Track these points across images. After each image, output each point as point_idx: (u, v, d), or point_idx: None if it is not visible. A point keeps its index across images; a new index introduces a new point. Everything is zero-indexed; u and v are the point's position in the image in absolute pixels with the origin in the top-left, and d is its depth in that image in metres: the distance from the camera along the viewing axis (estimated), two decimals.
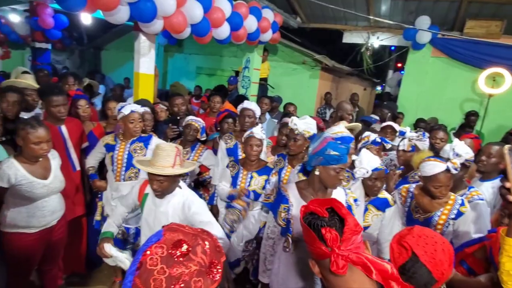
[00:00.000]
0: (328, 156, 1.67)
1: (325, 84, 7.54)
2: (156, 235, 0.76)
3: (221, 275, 0.73)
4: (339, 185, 1.77)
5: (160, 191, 1.83)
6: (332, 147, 1.68)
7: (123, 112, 2.52)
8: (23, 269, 2.20)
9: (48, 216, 2.16)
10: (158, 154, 1.79)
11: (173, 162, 1.79)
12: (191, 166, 1.97)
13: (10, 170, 1.97)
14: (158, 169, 1.75)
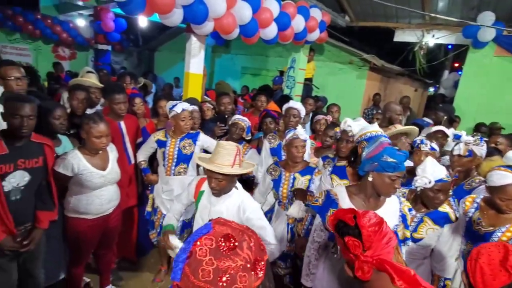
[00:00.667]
0: (385, 163, 1.59)
1: (372, 84, 7.26)
2: (206, 227, 0.78)
3: (264, 273, 0.74)
4: (394, 193, 1.68)
5: (217, 190, 1.82)
6: (389, 153, 1.59)
7: (175, 110, 2.65)
8: (82, 251, 2.41)
9: (105, 204, 2.34)
10: (219, 152, 1.78)
11: (233, 161, 1.77)
12: (250, 167, 1.92)
13: (74, 160, 2.17)
14: (217, 167, 1.74)
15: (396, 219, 1.71)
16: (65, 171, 2.15)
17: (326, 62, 7.14)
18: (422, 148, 2.47)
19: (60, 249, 2.46)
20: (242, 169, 1.82)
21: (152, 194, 2.94)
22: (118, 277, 2.92)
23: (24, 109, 1.82)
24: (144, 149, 2.88)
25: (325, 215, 1.78)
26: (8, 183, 1.87)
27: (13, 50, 8.23)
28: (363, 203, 1.72)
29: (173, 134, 2.76)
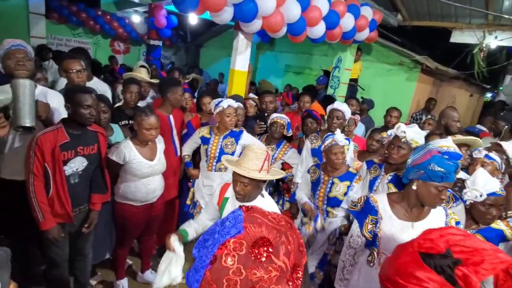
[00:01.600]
0: (431, 172, 1.50)
1: (423, 88, 6.84)
2: (236, 225, 0.66)
3: (301, 280, 0.65)
4: (440, 205, 1.58)
5: (242, 195, 1.72)
6: (437, 162, 1.50)
7: (221, 106, 2.71)
8: (127, 235, 2.56)
9: (150, 193, 2.46)
10: (247, 155, 1.70)
11: (261, 166, 1.68)
12: (278, 174, 1.83)
13: (126, 149, 2.31)
14: (244, 171, 1.65)
15: None
16: (117, 159, 2.29)
17: (373, 63, 6.85)
18: (475, 155, 2.28)
19: (108, 232, 2.64)
20: (270, 175, 1.74)
21: (193, 188, 3.02)
22: (157, 263, 3.04)
23: (91, 100, 1.96)
24: (189, 143, 2.96)
25: (363, 221, 1.74)
26: (69, 168, 2.04)
27: (76, 43, 8.93)
28: (405, 213, 1.65)
29: (217, 131, 2.82)
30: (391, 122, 3.91)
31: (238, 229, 0.64)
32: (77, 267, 2.36)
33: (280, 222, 0.68)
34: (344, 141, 2.38)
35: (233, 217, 0.68)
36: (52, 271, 2.23)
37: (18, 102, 1.78)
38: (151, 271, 2.87)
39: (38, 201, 1.95)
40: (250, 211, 0.70)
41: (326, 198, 2.46)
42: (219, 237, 0.64)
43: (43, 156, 1.92)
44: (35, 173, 1.92)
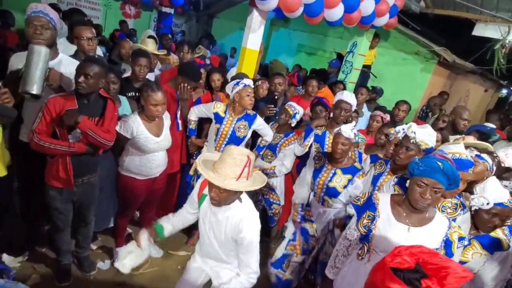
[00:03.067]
0: (414, 165, 1.55)
1: (438, 80, 6.66)
2: None
3: None
4: (422, 205, 1.54)
5: (216, 200, 1.59)
6: (423, 159, 1.54)
7: (243, 83, 2.68)
8: (129, 206, 2.63)
9: (154, 168, 2.49)
10: (224, 161, 1.51)
11: (239, 174, 1.49)
12: (260, 183, 1.58)
13: (134, 124, 2.31)
14: (218, 180, 1.48)
15: (437, 243, 1.58)
16: (125, 132, 2.30)
17: (389, 50, 6.64)
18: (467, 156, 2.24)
19: (111, 202, 2.70)
20: (250, 182, 1.55)
21: (197, 160, 3.01)
22: None
23: (86, 68, 1.94)
24: (198, 109, 2.84)
25: (361, 216, 1.77)
26: (72, 137, 2.06)
27: (86, 3, 8.70)
28: (405, 216, 1.63)
29: (233, 111, 2.78)
30: (398, 116, 3.81)
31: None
32: (80, 232, 2.45)
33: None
34: (349, 134, 2.35)
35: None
36: (55, 234, 2.32)
37: (29, 68, 1.79)
38: None
39: (54, 143, 1.97)
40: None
41: (325, 187, 2.48)
42: None
43: (51, 118, 1.96)
44: (37, 131, 1.95)
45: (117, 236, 2.75)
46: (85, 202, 2.29)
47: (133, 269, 2.67)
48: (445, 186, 1.51)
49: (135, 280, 2.64)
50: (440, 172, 1.48)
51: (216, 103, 2.81)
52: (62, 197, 2.17)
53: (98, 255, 2.78)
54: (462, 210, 1.93)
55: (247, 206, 1.71)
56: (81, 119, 1.96)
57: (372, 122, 3.28)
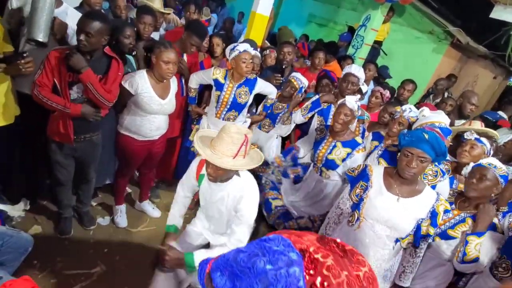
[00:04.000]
0: (402, 136, 1.64)
1: (448, 62, 6.52)
2: None
3: None
4: (408, 174, 1.63)
5: (213, 177, 1.58)
6: (410, 131, 1.63)
7: (238, 49, 2.58)
8: (128, 165, 2.64)
9: (154, 130, 2.48)
10: (221, 138, 1.49)
11: (236, 152, 1.48)
12: (257, 162, 1.56)
13: (140, 80, 2.26)
14: (215, 157, 1.48)
15: (424, 214, 1.69)
16: (129, 88, 2.26)
17: (403, 27, 6.42)
18: (466, 137, 2.27)
19: (112, 159, 2.72)
20: (246, 162, 1.54)
21: (197, 126, 2.99)
22: (155, 195, 3.21)
23: (87, 25, 1.86)
24: (198, 76, 2.77)
25: (354, 186, 1.86)
26: (74, 92, 2.03)
27: None
28: (396, 188, 1.72)
29: (232, 78, 2.72)
30: (403, 95, 3.76)
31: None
32: (80, 188, 2.49)
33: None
34: (353, 105, 2.34)
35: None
36: (56, 187, 2.36)
37: (36, 15, 1.74)
38: (148, 201, 3.02)
39: (51, 100, 1.95)
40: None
41: (324, 159, 2.51)
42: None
43: (51, 71, 1.93)
44: (38, 83, 1.93)
45: (116, 194, 2.79)
46: (86, 159, 2.30)
47: (131, 227, 2.80)
48: (432, 157, 1.60)
49: (133, 237, 2.72)
50: (425, 142, 1.57)
51: (216, 68, 2.74)
52: (63, 152, 2.17)
53: (98, 211, 2.85)
54: (442, 177, 2.02)
55: (247, 179, 1.71)
56: (85, 69, 1.91)
57: (371, 97, 3.24)
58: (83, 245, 2.48)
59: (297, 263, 0.51)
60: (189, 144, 3.07)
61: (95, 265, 2.36)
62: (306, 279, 0.50)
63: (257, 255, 0.53)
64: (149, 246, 2.67)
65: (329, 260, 0.53)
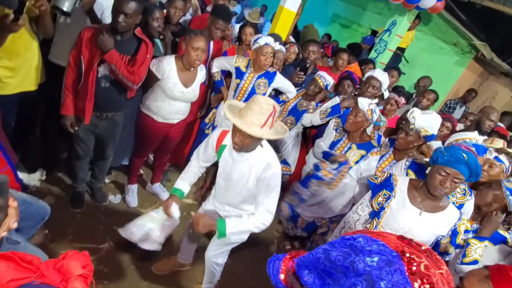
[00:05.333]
0: (438, 153, 1.56)
1: (469, 76, 6.40)
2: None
3: None
4: (440, 193, 1.58)
5: (239, 146, 1.63)
6: (447, 148, 1.55)
7: (259, 42, 2.58)
8: (144, 146, 2.68)
9: (173, 114, 2.49)
10: (251, 108, 1.54)
11: (264, 122, 1.53)
12: (282, 134, 1.64)
13: (168, 66, 2.28)
14: (244, 125, 1.52)
15: (445, 231, 1.66)
16: (157, 72, 2.28)
17: (427, 36, 6.31)
18: (486, 156, 2.23)
19: (129, 141, 2.75)
20: (273, 131, 1.59)
21: (215, 110, 2.99)
22: (167, 179, 3.24)
23: (125, 6, 1.87)
24: (220, 62, 2.77)
25: (376, 193, 1.81)
26: (102, 69, 2.05)
27: None
28: (420, 201, 1.68)
29: (253, 68, 2.72)
30: (422, 104, 3.73)
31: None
32: (97, 165, 2.52)
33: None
34: (363, 106, 2.33)
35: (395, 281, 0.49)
36: (74, 161, 2.39)
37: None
38: (159, 184, 3.05)
39: (65, 87, 2.06)
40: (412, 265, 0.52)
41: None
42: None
43: (81, 47, 1.96)
44: (70, 61, 2.00)
45: (130, 174, 2.82)
46: (106, 137, 2.33)
47: (141, 207, 2.83)
48: (465, 177, 1.54)
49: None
50: (463, 163, 1.51)
51: (239, 57, 2.74)
52: (84, 127, 2.20)
53: (110, 188, 2.89)
54: (470, 195, 1.97)
55: (268, 150, 1.76)
56: (110, 50, 1.93)
57: (386, 105, 3.20)
58: (93, 220, 2.52)
59: (397, 263, 0.50)
60: (204, 125, 3.06)
61: (104, 241, 2.41)
62: (410, 278, 0.50)
63: (350, 254, 0.52)
64: None
65: (424, 259, 0.52)
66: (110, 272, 2.22)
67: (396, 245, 0.55)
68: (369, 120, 2.37)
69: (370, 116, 2.35)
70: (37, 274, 0.71)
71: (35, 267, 0.72)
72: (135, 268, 2.30)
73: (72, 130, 2.15)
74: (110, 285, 2.14)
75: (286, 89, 2.87)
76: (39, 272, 0.72)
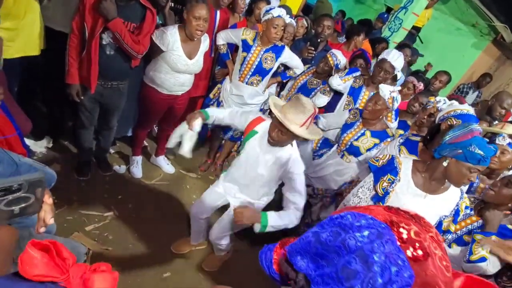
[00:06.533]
0: (470, 153, 1.46)
1: (485, 60, 6.19)
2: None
3: None
4: (465, 185, 1.58)
5: (275, 140, 1.70)
6: (478, 144, 1.46)
7: (271, 13, 2.48)
8: (148, 118, 2.66)
9: (177, 86, 2.46)
10: (295, 106, 1.61)
11: (304, 122, 1.61)
12: (316, 135, 1.75)
13: (171, 37, 2.22)
14: (286, 121, 1.60)
15: (448, 211, 1.65)
16: (160, 44, 2.23)
17: (445, 15, 6.05)
18: (498, 142, 2.20)
19: (132, 112, 2.74)
20: (308, 132, 1.66)
21: (220, 85, 2.94)
22: (171, 152, 3.24)
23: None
24: (226, 34, 2.67)
25: (379, 178, 1.75)
26: (106, 37, 2.00)
27: None
28: (424, 183, 1.66)
29: (261, 41, 2.63)
30: (434, 86, 3.62)
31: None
32: (102, 134, 2.53)
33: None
34: (384, 93, 2.24)
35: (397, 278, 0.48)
36: (80, 130, 2.40)
37: None
38: (163, 157, 3.06)
39: (69, 55, 2.02)
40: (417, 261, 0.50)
41: (349, 144, 2.44)
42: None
43: (84, 13, 1.91)
44: (73, 27, 1.96)
45: (134, 145, 2.83)
46: (111, 106, 2.32)
47: (145, 178, 2.86)
48: None
49: (146, 188, 2.79)
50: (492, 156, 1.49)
51: (246, 29, 2.65)
52: (89, 96, 2.19)
53: (115, 159, 2.92)
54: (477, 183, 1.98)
55: (296, 149, 1.84)
56: (114, 18, 1.88)
57: (403, 88, 3.11)
58: (98, 189, 2.56)
59: (387, 234, 0.51)
60: (208, 101, 3.04)
61: (109, 209, 2.45)
62: (401, 247, 0.50)
63: (340, 233, 0.53)
64: (161, 199, 2.75)
65: (413, 225, 0.53)
66: (114, 239, 2.27)
67: (384, 216, 0.54)
68: (389, 108, 2.30)
69: (391, 104, 2.26)
70: (64, 277, 0.69)
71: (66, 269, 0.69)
72: (138, 236, 2.36)
73: (78, 100, 2.14)
74: (114, 252, 2.20)
75: (294, 64, 2.79)
76: (67, 275, 0.69)
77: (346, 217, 0.55)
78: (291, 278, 0.58)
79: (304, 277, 0.56)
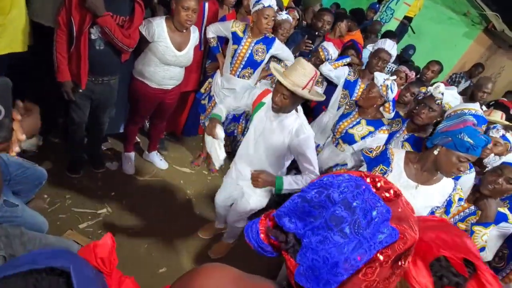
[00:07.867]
0: (459, 141, 1.47)
1: (477, 49, 6.23)
2: (383, 230, 0.54)
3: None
4: (455, 175, 1.58)
5: (279, 105, 1.75)
6: (469, 133, 1.46)
7: (262, 3, 2.44)
8: (139, 113, 2.63)
9: (167, 79, 2.43)
10: (296, 69, 1.67)
11: (306, 84, 1.66)
12: (319, 97, 1.81)
13: (158, 27, 2.18)
14: (288, 83, 1.65)
15: (440, 203, 1.66)
16: (146, 34, 2.20)
17: (437, 4, 6.05)
18: (491, 133, 2.21)
19: (122, 107, 2.71)
20: (311, 95, 1.72)
21: (211, 80, 2.91)
22: (163, 147, 3.24)
23: None
24: (217, 27, 2.63)
25: (372, 168, 1.78)
26: (95, 31, 1.97)
27: None
28: (416, 174, 1.67)
29: (251, 33, 2.60)
30: (426, 76, 3.63)
31: (392, 237, 0.54)
32: (93, 131, 2.50)
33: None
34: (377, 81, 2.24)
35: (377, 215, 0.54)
36: (71, 127, 2.37)
37: None
38: (156, 153, 3.05)
39: (57, 52, 1.98)
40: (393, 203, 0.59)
41: (344, 132, 2.45)
42: (366, 247, 0.53)
43: (71, 8, 1.86)
44: (60, 23, 1.91)
45: (126, 142, 2.81)
46: (102, 102, 2.29)
47: (138, 174, 2.85)
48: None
49: (139, 184, 2.78)
50: (483, 147, 1.48)
51: (235, 21, 2.61)
52: (80, 93, 2.15)
53: (107, 156, 2.89)
54: (469, 170, 1.96)
55: (303, 116, 1.89)
56: (102, 14, 1.84)
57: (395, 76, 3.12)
58: (91, 187, 2.55)
59: (363, 184, 0.59)
60: (199, 95, 3.02)
61: (102, 206, 2.44)
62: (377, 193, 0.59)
63: (323, 191, 0.59)
64: (154, 195, 2.74)
65: (382, 177, 0.62)
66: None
67: (358, 173, 0.63)
68: (384, 97, 2.30)
69: (385, 92, 2.24)
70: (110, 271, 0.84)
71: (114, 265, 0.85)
72: (133, 233, 2.36)
73: (73, 97, 2.11)
74: None
75: (284, 56, 2.77)
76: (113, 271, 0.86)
77: (326, 177, 0.63)
78: (281, 240, 0.62)
79: (294, 236, 0.60)
